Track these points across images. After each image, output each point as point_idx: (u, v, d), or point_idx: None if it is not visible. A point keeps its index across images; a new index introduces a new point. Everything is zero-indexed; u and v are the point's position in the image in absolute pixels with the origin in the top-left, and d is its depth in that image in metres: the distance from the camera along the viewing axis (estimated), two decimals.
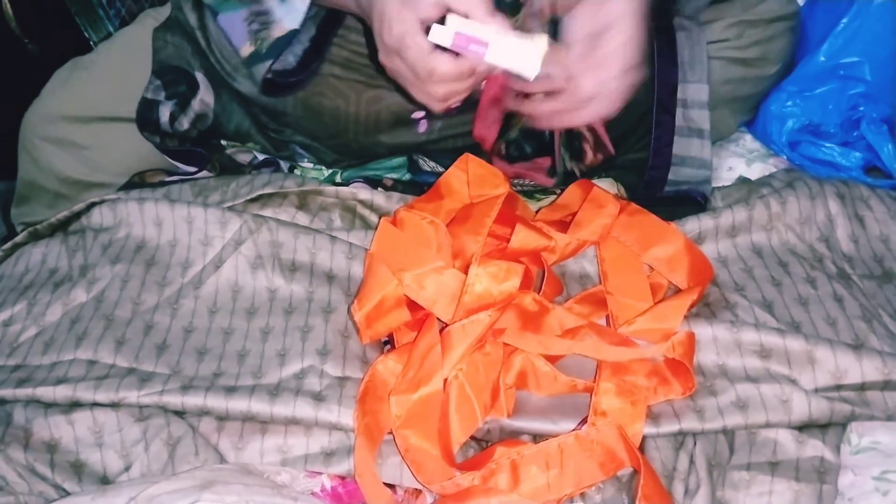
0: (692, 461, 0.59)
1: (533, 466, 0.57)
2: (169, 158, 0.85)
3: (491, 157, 0.81)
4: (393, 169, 0.86)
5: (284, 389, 0.61)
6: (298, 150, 0.86)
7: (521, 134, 0.81)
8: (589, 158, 0.82)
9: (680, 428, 0.60)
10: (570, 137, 0.81)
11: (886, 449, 0.60)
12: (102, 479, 0.58)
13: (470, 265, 0.64)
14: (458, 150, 0.79)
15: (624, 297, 0.68)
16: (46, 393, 0.61)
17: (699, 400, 0.61)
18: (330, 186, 0.77)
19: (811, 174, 0.81)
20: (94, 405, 0.60)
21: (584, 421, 0.60)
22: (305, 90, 0.79)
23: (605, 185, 0.80)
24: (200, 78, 0.83)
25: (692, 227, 0.73)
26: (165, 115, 0.81)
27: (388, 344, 0.69)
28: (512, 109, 0.75)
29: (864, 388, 0.62)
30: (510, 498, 0.56)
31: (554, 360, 0.64)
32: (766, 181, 0.81)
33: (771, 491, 0.57)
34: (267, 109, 0.82)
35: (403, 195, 0.79)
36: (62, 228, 0.78)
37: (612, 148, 0.81)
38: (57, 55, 0.94)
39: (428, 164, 0.84)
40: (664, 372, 0.63)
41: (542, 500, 0.57)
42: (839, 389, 0.62)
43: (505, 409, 0.61)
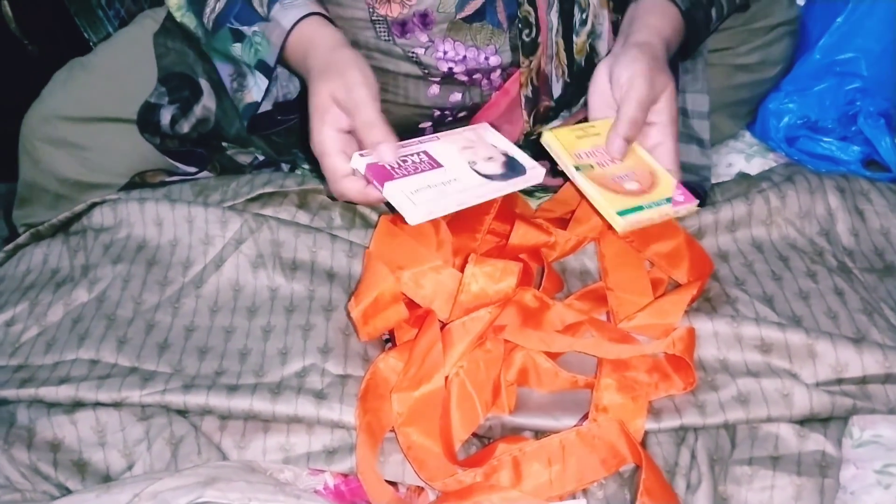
0: (694, 456, 0.58)
1: (535, 463, 0.57)
2: (169, 159, 0.84)
3: None
4: None
5: (286, 388, 0.61)
6: (301, 155, 0.86)
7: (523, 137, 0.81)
8: None
9: (681, 423, 0.60)
10: None
11: (888, 442, 0.60)
12: (105, 478, 0.58)
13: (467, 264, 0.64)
14: None
15: (624, 292, 0.68)
16: (49, 393, 0.61)
17: (700, 395, 0.61)
18: None
19: (810, 168, 0.81)
20: (96, 405, 0.61)
21: (585, 417, 0.60)
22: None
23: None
24: (204, 84, 0.82)
25: (692, 222, 0.73)
26: (166, 118, 0.81)
27: (389, 342, 0.69)
28: None
29: (865, 381, 0.61)
30: (512, 494, 0.56)
31: (555, 356, 0.64)
32: (765, 176, 0.81)
33: (773, 485, 0.57)
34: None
35: None
36: (63, 229, 0.78)
37: None
38: (56, 56, 0.94)
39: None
40: (665, 367, 0.63)
41: (544, 496, 0.56)
42: (840, 383, 0.62)
43: (506, 405, 0.61)
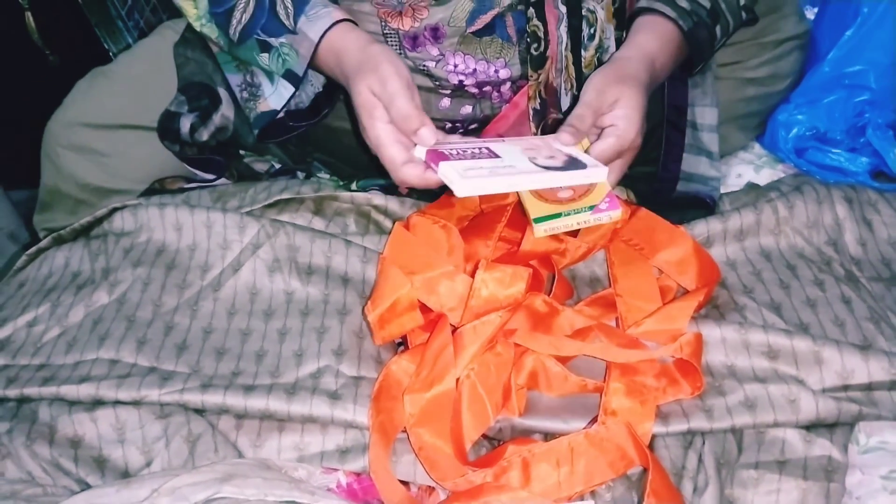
0: (701, 460, 0.59)
1: (544, 464, 0.58)
2: (188, 166, 0.86)
3: None
4: None
5: (301, 388, 0.62)
6: (317, 164, 0.87)
7: None
8: None
9: (689, 427, 0.60)
10: None
11: (894, 448, 0.60)
12: (124, 473, 0.59)
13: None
14: None
15: (633, 299, 0.69)
16: (70, 391, 0.62)
17: (708, 400, 0.62)
18: (345, 192, 0.79)
19: (819, 179, 0.82)
20: (116, 403, 0.62)
21: (594, 420, 0.61)
22: (328, 114, 0.79)
23: (615, 190, 0.81)
24: (223, 93, 0.84)
25: (701, 230, 0.74)
26: (186, 126, 0.83)
27: (401, 345, 0.70)
28: None
29: (871, 388, 0.62)
30: (521, 495, 0.56)
31: (564, 360, 0.65)
32: (773, 186, 0.82)
33: (779, 489, 0.57)
34: None
35: (417, 201, 0.80)
36: (85, 233, 0.79)
37: None
38: (76, 66, 0.96)
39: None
40: (673, 372, 0.64)
41: (552, 497, 0.57)
42: (846, 390, 0.62)
43: (516, 408, 0.62)
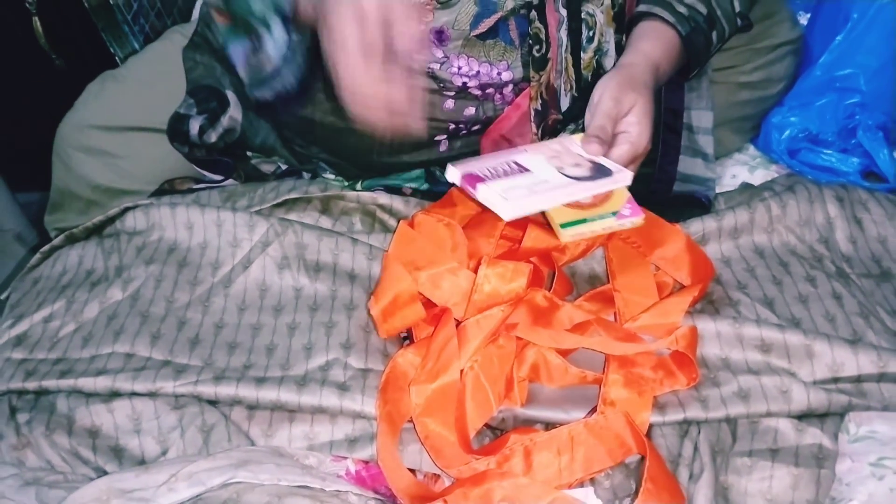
0: (696, 448, 0.61)
1: (545, 452, 0.60)
2: (196, 167, 0.87)
3: None
4: (411, 179, 0.88)
5: (311, 380, 0.64)
6: (322, 164, 0.89)
7: None
8: None
9: (685, 417, 0.62)
10: None
11: (883, 437, 0.63)
12: (141, 462, 0.61)
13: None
14: None
15: (630, 294, 0.71)
16: (87, 383, 0.64)
17: (703, 390, 0.64)
18: (351, 192, 0.81)
19: (811, 179, 0.84)
20: (132, 394, 0.64)
21: (593, 410, 0.63)
22: (334, 115, 0.81)
23: None
24: (231, 95, 0.86)
25: (696, 228, 0.76)
26: (195, 128, 0.84)
27: (407, 339, 0.72)
28: None
29: (860, 380, 0.64)
30: (522, 481, 0.58)
31: (565, 353, 0.67)
32: (767, 186, 0.83)
33: (771, 475, 0.59)
34: (294, 128, 0.85)
35: (421, 200, 0.82)
36: (97, 232, 0.81)
37: None
38: (82, 70, 0.98)
39: (444, 175, 0.87)
40: (669, 364, 0.65)
41: (553, 484, 0.59)
42: (836, 381, 0.64)
43: (518, 399, 0.64)
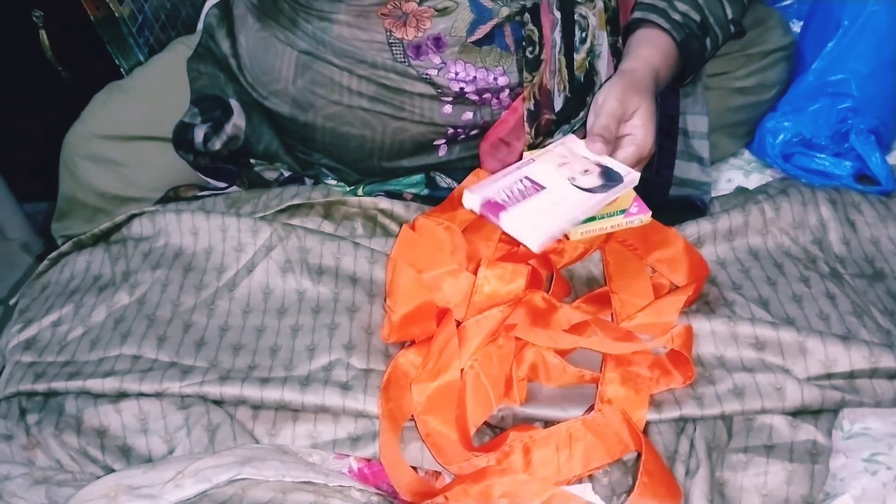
0: (692, 445, 0.62)
1: (544, 449, 0.61)
2: (201, 175, 0.89)
3: None
4: (412, 185, 0.89)
5: (314, 380, 0.65)
6: (324, 170, 0.90)
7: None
8: None
9: (681, 414, 0.64)
10: None
11: (876, 434, 0.63)
12: (148, 461, 0.62)
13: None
14: (473, 168, 0.83)
15: (627, 295, 0.72)
16: (95, 385, 0.65)
17: (699, 388, 0.65)
18: (353, 197, 0.82)
19: (805, 182, 0.85)
20: (139, 395, 0.65)
21: (591, 408, 0.64)
22: (335, 121, 0.83)
23: None
24: (234, 104, 0.87)
25: (692, 231, 0.78)
26: (200, 136, 0.85)
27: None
28: None
29: (853, 376, 0.65)
30: (522, 478, 0.59)
31: (563, 353, 0.68)
32: (761, 189, 0.85)
33: (766, 471, 0.60)
34: (296, 134, 0.87)
35: (421, 205, 0.83)
36: (104, 238, 0.82)
37: None
38: (88, 81, 0.99)
39: (445, 180, 0.88)
40: (665, 363, 0.67)
41: (552, 480, 0.60)
42: (830, 378, 0.65)
43: (518, 398, 0.65)
